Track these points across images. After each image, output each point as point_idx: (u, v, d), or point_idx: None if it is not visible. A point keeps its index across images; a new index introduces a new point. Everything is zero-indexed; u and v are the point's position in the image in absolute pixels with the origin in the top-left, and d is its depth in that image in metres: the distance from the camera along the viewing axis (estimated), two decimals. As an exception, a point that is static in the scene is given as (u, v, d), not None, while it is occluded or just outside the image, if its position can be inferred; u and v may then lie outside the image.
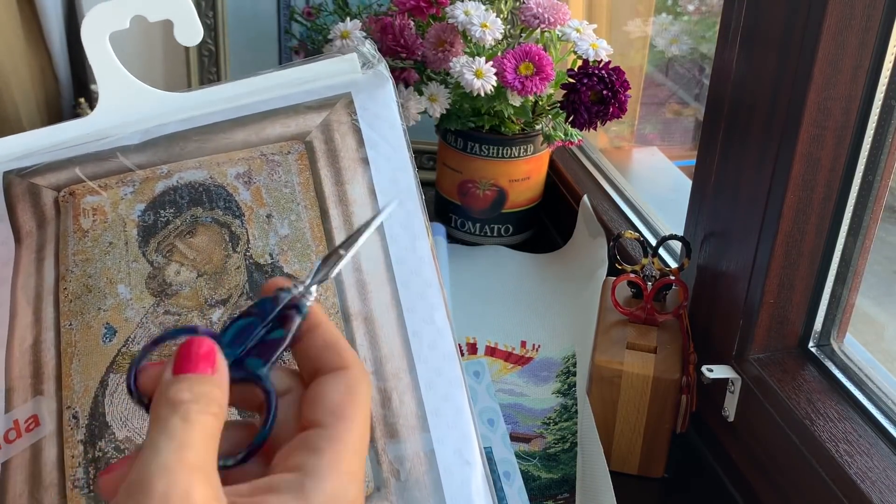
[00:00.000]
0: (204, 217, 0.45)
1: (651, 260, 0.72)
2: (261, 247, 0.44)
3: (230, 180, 0.46)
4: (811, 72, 0.56)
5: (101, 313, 0.42)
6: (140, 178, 0.46)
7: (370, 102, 0.47)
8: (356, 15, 0.98)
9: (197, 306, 0.42)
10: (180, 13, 0.48)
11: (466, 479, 0.38)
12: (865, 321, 0.71)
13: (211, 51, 1.14)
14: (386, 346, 0.40)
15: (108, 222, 0.45)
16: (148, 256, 0.44)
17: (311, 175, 0.46)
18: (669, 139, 1.20)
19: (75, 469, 0.38)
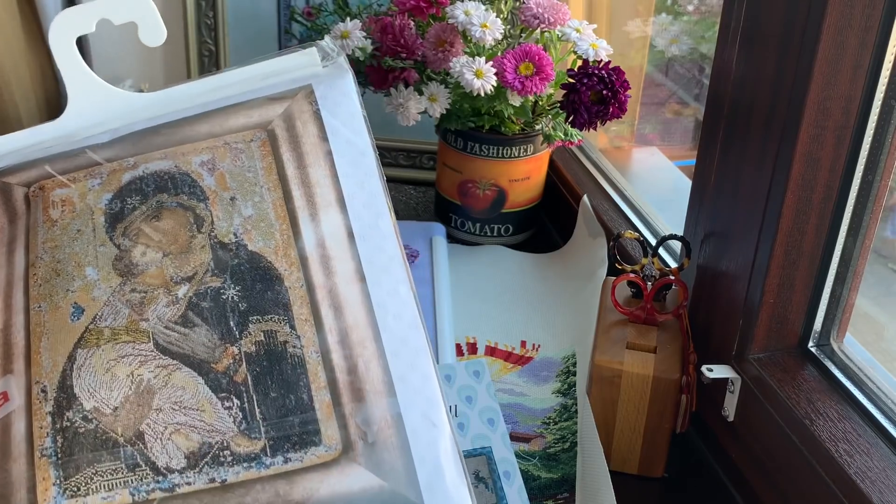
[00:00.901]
0: (169, 202, 0.46)
1: (651, 260, 0.72)
2: (225, 227, 0.45)
3: (195, 167, 0.47)
4: (811, 72, 0.56)
5: (69, 294, 0.43)
6: (107, 170, 0.48)
7: (330, 92, 0.49)
8: (356, 15, 0.98)
9: (163, 284, 0.44)
10: (144, 15, 0.49)
11: (434, 441, 0.39)
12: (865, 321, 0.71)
13: (211, 51, 1.14)
14: (351, 317, 0.42)
15: (76, 211, 0.46)
16: (115, 240, 0.45)
17: (274, 160, 0.47)
18: (669, 139, 1.20)
19: (43, 439, 0.39)
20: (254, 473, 0.39)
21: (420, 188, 1.14)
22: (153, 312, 0.43)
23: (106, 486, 0.38)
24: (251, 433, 0.40)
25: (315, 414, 0.40)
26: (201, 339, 0.42)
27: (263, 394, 0.40)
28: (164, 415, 0.40)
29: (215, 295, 0.43)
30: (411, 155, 1.16)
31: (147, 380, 0.41)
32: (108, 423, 0.40)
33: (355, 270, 0.43)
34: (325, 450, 0.39)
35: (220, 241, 0.45)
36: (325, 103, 0.48)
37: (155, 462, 0.39)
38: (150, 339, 0.42)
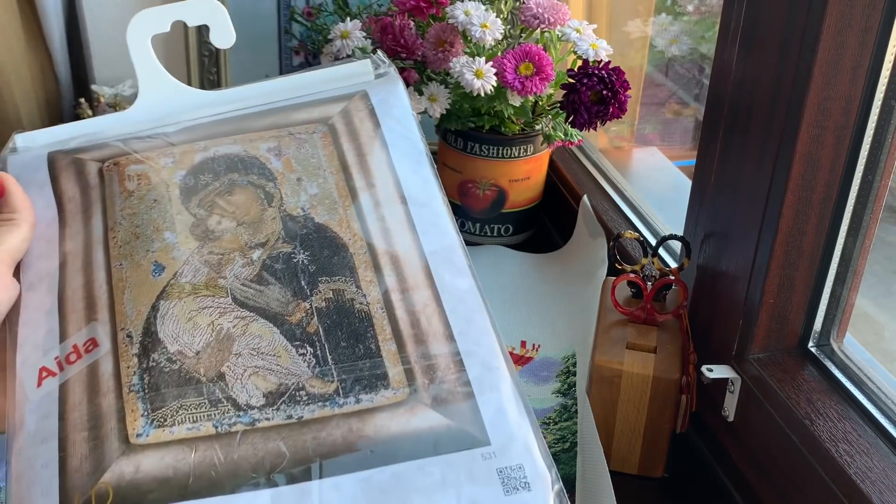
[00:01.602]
0: (240, 180, 0.50)
1: (651, 260, 0.72)
2: (293, 202, 0.49)
3: (262, 153, 0.51)
4: (811, 72, 0.56)
5: (149, 254, 0.47)
6: (179, 151, 0.51)
7: (384, 96, 0.53)
8: (356, 15, 0.98)
9: (238, 248, 0.47)
10: (217, 19, 0.54)
11: (495, 384, 0.43)
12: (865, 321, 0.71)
13: (211, 51, 1.14)
14: (411, 279, 0.46)
15: (151, 184, 0.50)
16: (190, 210, 0.49)
17: (335, 149, 0.51)
18: (669, 139, 1.20)
19: (131, 377, 0.42)
20: (328, 411, 0.41)
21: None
22: (230, 271, 0.46)
23: (191, 419, 0.41)
24: (324, 376, 0.43)
25: (382, 361, 0.43)
26: (275, 295, 0.45)
27: (334, 343, 0.44)
28: (243, 359, 0.43)
29: (286, 258, 0.47)
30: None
31: (226, 328, 0.44)
32: (190, 365, 0.43)
33: (413, 241, 0.47)
34: (393, 392, 0.42)
35: (289, 213, 0.49)
36: (379, 104, 0.53)
37: (236, 399, 0.42)
38: (228, 294, 0.45)
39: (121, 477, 0.39)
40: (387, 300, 0.45)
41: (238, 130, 0.52)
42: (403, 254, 0.47)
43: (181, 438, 0.40)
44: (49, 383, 0.42)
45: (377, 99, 0.53)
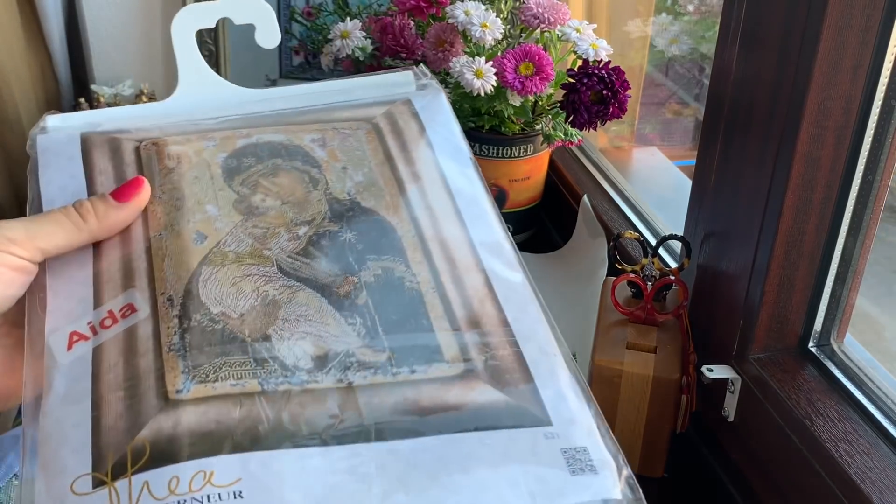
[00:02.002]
0: (284, 165, 0.49)
1: (651, 260, 0.72)
2: (339, 187, 0.48)
3: (306, 142, 0.50)
4: (811, 72, 0.56)
5: (190, 224, 0.45)
6: (220, 136, 0.50)
7: (427, 103, 0.53)
8: (356, 15, 0.98)
9: (283, 224, 0.46)
10: (262, 18, 0.54)
11: (553, 369, 0.41)
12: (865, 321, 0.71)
13: (211, 51, 1.14)
14: (462, 265, 0.45)
15: (192, 163, 0.48)
16: (233, 188, 0.48)
17: (380, 144, 0.51)
18: (669, 139, 1.20)
19: (171, 337, 0.40)
20: (380, 379, 0.40)
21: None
22: (275, 244, 0.45)
23: (235, 375, 0.39)
24: (375, 346, 0.41)
25: (436, 335, 0.42)
26: (322, 267, 0.44)
27: (385, 315, 0.42)
28: (290, 324, 0.41)
29: (333, 236, 0.45)
30: (411, 155, 1.16)
31: (272, 295, 0.42)
32: (235, 326, 0.41)
33: (461, 230, 0.47)
34: (448, 366, 0.40)
35: (336, 197, 0.48)
36: (423, 110, 0.52)
37: (283, 360, 0.40)
38: (273, 264, 0.44)
39: (159, 432, 0.37)
40: (437, 281, 0.43)
41: (280, 123, 0.52)
42: (452, 240, 0.46)
43: (225, 394, 0.38)
44: (81, 347, 0.40)
45: (420, 105, 0.53)
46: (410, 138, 0.51)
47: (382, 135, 0.51)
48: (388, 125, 0.51)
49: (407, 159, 0.49)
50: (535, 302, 0.45)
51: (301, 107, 0.53)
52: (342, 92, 0.54)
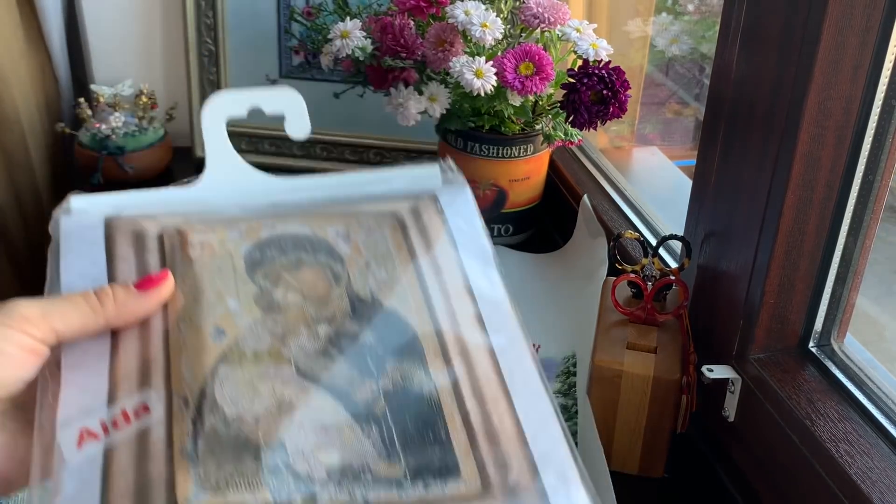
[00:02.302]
0: (308, 259, 0.49)
1: (651, 260, 0.72)
2: (361, 284, 0.47)
3: (330, 235, 0.50)
4: (811, 72, 0.56)
5: (210, 318, 0.44)
6: (246, 226, 0.50)
7: (452, 199, 0.53)
8: (356, 15, 0.98)
9: (304, 321, 0.45)
10: (293, 109, 0.53)
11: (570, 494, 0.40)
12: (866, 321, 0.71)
13: (211, 51, 1.14)
14: (482, 375, 0.44)
15: (215, 253, 0.48)
16: (256, 281, 0.47)
17: (404, 241, 0.50)
18: (669, 139, 1.20)
19: (184, 442, 0.40)
20: (394, 496, 0.39)
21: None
22: (294, 343, 0.44)
23: (247, 485, 0.39)
24: (391, 458, 0.40)
25: (453, 449, 0.41)
26: (341, 370, 0.43)
27: (402, 426, 0.41)
28: (305, 431, 0.41)
29: (354, 336, 0.45)
30: (411, 155, 1.16)
31: (289, 398, 0.42)
32: (249, 431, 0.40)
33: (483, 338, 0.46)
34: (464, 485, 0.40)
35: (357, 294, 0.47)
36: (448, 207, 0.52)
37: (296, 470, 0.39)
38: (291, 364, 0.43)
39: None
40: (456, 390, 0.43)
41: (305, 214, 0.51)
42: (473, 349, 0.45)
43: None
44: (91, 446, 0.39)
45: (445, 200, 0.53)
46: (434, 236, 0.50)
47: (406, 230, 0.51)
48: (413, 220, 0.51)
49: (430, 258, 0.49)
50: (553, 416, 0.43)
51: (327, 197, 0.53)
52: (369, 183, 0.54)
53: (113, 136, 1.11)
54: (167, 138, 1.17)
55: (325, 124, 1.17)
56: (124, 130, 1.12)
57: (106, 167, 1.11)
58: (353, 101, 1.00)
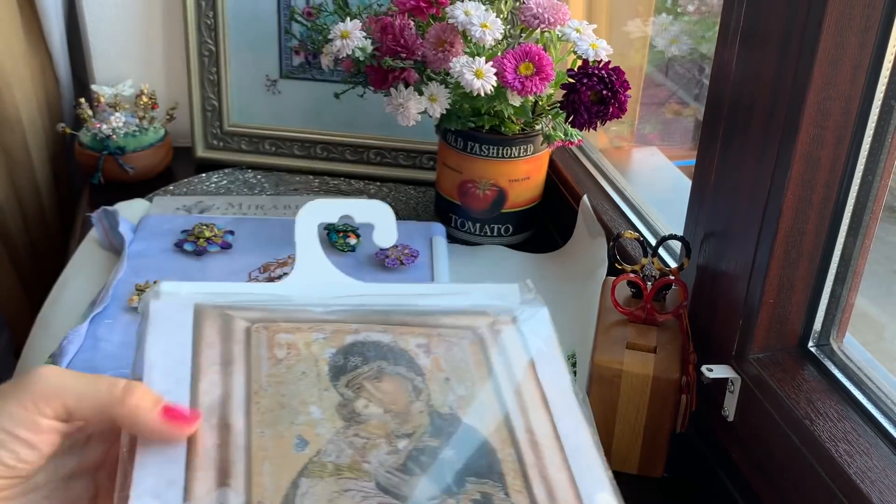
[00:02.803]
0: (389, 369, 0.49)
1: (651, 260, 0.72)
2: (441, 400, 0.48)
3: (411, 347, 0.51)
4: (811, 72, 0.56)
5: (293, 426, 0.45)
6: (330, 329, 0.51)
7: (531, 318, 0.54)
8: (356, 15, 0.98)
9: (384, 434, 0.45)
10: (383, 220, 0.55)
11: None
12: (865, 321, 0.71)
13: (211, 51, 1.14)
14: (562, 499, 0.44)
15: (300, 356, 0.49)
16: (338, 389, 0.47)
17: (483, 358, 0.51)
18: (669, 139, 1.20)
19: None
20: None
21: (420, 188, 1.14)
22: (375, 457, 0.44)
23: None
24: None
25: None
26: (421, 486, 0.43)
27: None
28: None
29: (433, 452, 0.45)
30: (411, 155, 1.16)
31: None
32: None
33: (562, 461, 0.46)
34: None
35: (437, 410, 0.47)
36: (526, 326, 0.53)
37: None
38: (372, 479, 0.43)
39: None
40: None
41: (386, 322, 0.52)
42: (553, 472, 0.45)
43: None
44: None
45: (524, 319, 0.53)
46: (513, 357, 0.51)
47: (486, 347, 0.51)
48: (492, 338, 0.52)
49: (510, 377, 0.50)
50: None
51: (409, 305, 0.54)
52: (450, 294, 0.55)
53: (113, 136, 1.11)
54: (168, 138, 1.17)
55: (325, 124, 1.17)
56: (125, 130, 1.12)
57: (106, 167, 1.11)
58: (353, 101, 1.01)
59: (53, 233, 1.32)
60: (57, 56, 1.24)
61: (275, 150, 1.18)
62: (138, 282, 0.86)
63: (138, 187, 1.11)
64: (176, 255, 0.92)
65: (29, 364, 0.79)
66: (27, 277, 1.30)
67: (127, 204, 1.02)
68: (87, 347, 0.77)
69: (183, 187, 1.12)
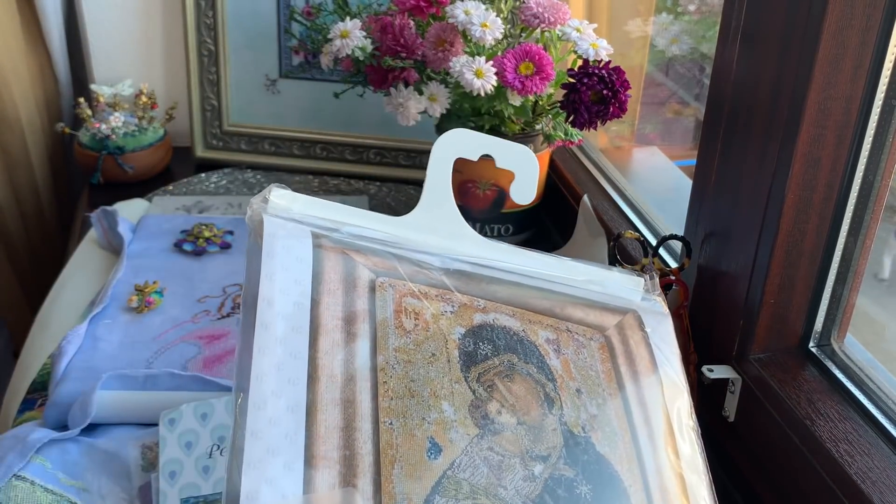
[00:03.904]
0: (520, 367, 0.46)
1: (651, 260, 0.72)
2: (574, 417, 0.45)
3: (541, 341, 0.47)
4: (811, 72, 0.56)
5: (425, 424, 0.41)
6: (458, 301, 0.46)
7: (657, 327, 0.51)
8: (356, 14, 0.98)
9: (519, 453, 0.42)
10: (526, 170, 0.50)
11: None
12: (865, 321, 0.71)
13: (211, 50, 1.14)
14: None
15: (429, 332, 0.44)
16: (469, 384, 0.44)
17: (612, 368, 0.48)
18: (670, 139, 1.20)
19: None
20: None
21: (420, 188, 1.14)
22: (511, 482, 0.41)
23: None
24: None
25: None
26: None
27: None
28: None
29: (569, 485, 0.42)
30: (411, 155, 1.16)
31: None
32: None
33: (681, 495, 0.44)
34: None
35: (570, 430, 0.44)
36: (652, 335, 0.50)
37: None
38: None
39: None
40: None
41: (514, 301, 0.48)
42: None
43: None
44: None
45: (651, 328, 0.50)
46: (642, 370, 0.48)
47: (615, 355, 0.48)
48: (621, 344, 0.49)
49: (640, 399, 0.47)
50: None
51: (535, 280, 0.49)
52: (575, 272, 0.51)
53: (113, 136, 1.11)
54: (167, 138, 1.17)
55: (324, 124, 1.17)
56: (124, 130, 1.12)
57: (106, 167, 1.11)
58: (353, 101, 1.00)
59: (52, 233, 1.32)
60: (56, 56, 1.23)
61: (274, 149, 1.18)
62: (137, 282, 0.86)
63: (137, 187, 1.11)
64: (175, 255, 0.92)
65: (28, 364, 0.79)
66: (26, 277, 1.30)
67: (126, 204, 1.02)
68: (86, 347, 0.77)
69: (182, 187, 1.12)
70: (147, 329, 0.80)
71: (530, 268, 0.50)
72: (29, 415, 0.72)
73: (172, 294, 0.85)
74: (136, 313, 0.81)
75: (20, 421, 0.71)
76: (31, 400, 0.74)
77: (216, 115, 1.17)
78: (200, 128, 1.18)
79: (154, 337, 0.79)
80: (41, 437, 0.62)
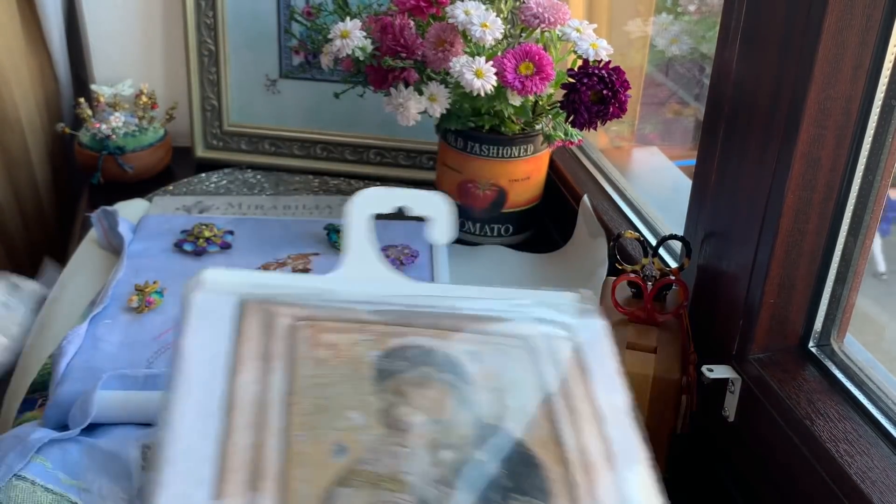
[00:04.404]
0: (435, 376, 0.47)
1: (651, 260, 0.72)
2: (489, 411, 0.46)
3: (460, 353, 0.49)
4: (811, 71, 0.56)
5: (332, 431, 0.43)
6: (378, 331, 0.49)
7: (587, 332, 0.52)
8: (356, 14, 0.98)
9: (427, 445, 0.44)
10: (439, 215, 0.53)
11: None
12: (865, 321, 0.71)
13: (211, 50, 1.14)
14: None
15: (344, 358, 0.47)
16: (380, 395, 0.46)
17: (535, 370, 0.49)
18: (669, 139, 1.20)
19: None
20: None
21: (420, 188, 1.14)
22: (416, 468, 0.42)
23: None
24: None
25: None
26: (463, 501, 0.42)
27: None
28: None
29: (478, 466, 0.43)
30: (411, 155, 1.16)
31: None
32: None
33: (613, 484, 0.45)
34: None
35: (486, 422, 0.46)
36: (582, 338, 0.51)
37: None
38: (411, 491, 0.41)
39: None
40: None
41: (435, 325, 0.50)
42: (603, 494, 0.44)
43: None
44: None
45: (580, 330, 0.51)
46: (568, 370, 0.49)
47: (539, 358, 0.49)
48: (546, 349, 0.50)
49: (563, 391, 0.48)
50: None
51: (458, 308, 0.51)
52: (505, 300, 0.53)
53: (113, 136, 1.11)
54: (167, 138, 1.17)
55: (325, 124, 1.17)
56: (124, 130, 1.12)
57: (106, 167, 1.11)
58: (353, 101, 1.00)
59: (52, 233, 1.32)
60: (56, 55, 1.23)
61: (274, 149, 1.18)
62: (138, 282, 0.86)
63: (138, 187, 1.11)
64: (175, 255, 0.92)
65: (28, 364, 0.79)
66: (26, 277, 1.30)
67: (126, 204, 1.02)
68: (87, 348, 0.77)
69: (182, 187, 1.12)
70: (147, 329, 0.80)
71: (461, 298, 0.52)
72: (29, 415, 0.72)
73: (173, 294, 0.85)
74: (137, 313, 0.81)
75: (20, 421, 0.71)
76: (32, 400, 0.74)
77: (216, 115, 1.17)
78: (200, 128, 1.18)
79: (154, 337, 0.79)
80: (41, 437, 0.62)
